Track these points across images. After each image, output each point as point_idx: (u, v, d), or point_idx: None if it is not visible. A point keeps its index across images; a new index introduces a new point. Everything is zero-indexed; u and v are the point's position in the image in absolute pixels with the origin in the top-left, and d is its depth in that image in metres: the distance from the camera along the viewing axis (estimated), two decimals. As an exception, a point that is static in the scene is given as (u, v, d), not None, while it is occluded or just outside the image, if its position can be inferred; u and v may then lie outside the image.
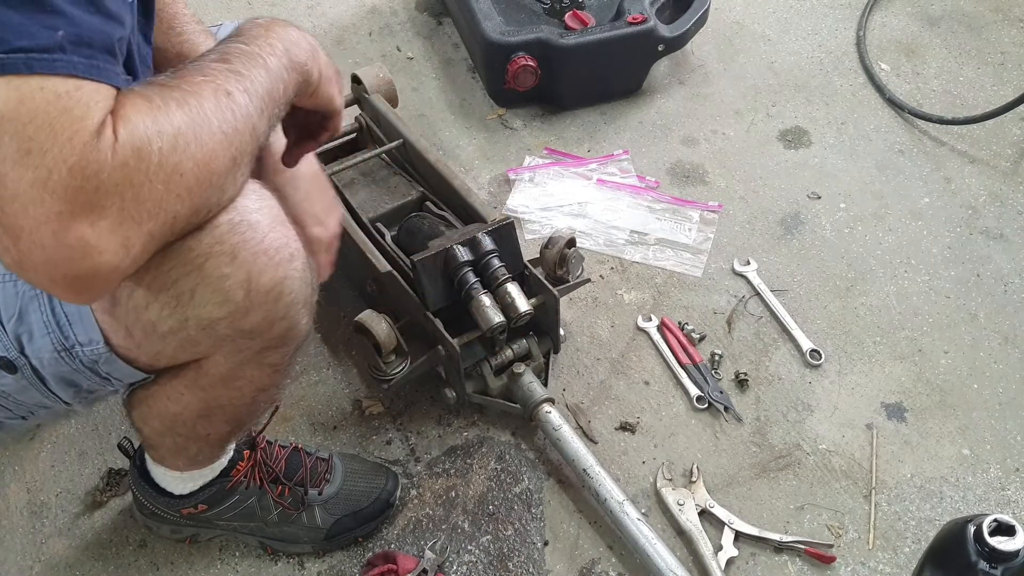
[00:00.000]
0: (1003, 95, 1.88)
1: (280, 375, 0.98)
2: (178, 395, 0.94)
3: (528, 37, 1.79)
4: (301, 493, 1.22)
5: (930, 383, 1.46)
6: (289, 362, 0.98)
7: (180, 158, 0.69)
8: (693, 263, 1.64)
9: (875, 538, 1.28)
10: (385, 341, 1.26)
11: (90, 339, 0.83)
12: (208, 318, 0.82)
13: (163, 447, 1.08)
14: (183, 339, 0.84)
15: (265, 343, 0.89)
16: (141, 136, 0.67)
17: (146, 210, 0.68)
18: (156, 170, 0.68)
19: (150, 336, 0.83)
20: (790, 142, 1.88)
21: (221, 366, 0.90)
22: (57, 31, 0.64)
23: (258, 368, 0.94)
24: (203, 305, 0.81)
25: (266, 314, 0.85)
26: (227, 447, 1.14)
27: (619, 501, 1.22)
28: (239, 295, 0.81)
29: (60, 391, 0.89)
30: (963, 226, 1.71)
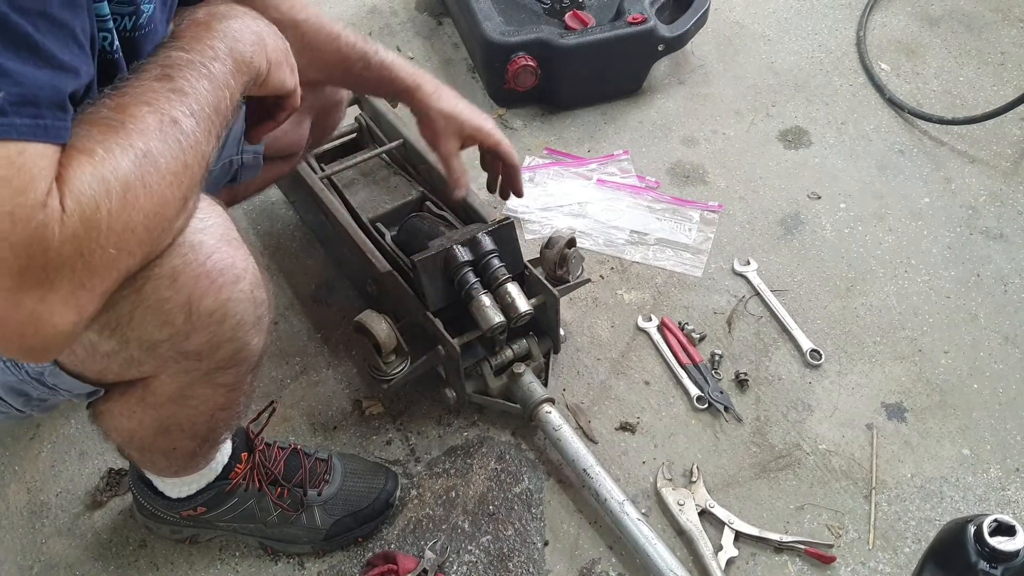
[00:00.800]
0: (1003, 95, 1.88)
1: (237, 393, 0.97)
2: (131, 412, 0.93)
3: (528, 37, 1.79)
4: (300, 494, 1.21)
5: (930, 383, 1.46)
6: (245, 381, 0.96)
7: (130, 215, 0.67)
8: (693, 263, 1.64)
9: (875, 538, 1.28)
10: (385, 341, 1.26)
11: None
12: (148, 340, 0.80)
13: (133, 458, 1.09)
14: (125, 359, 0.82)
15: (213, 364, 0.87)
16: (89, 202, 0.64)
17: (98, 275, 0.67)
18: (107, 235, 0.66)
19: (92, 355, 0.81)
20: (790, 142, 1.88)
21: (169, 386, 0.89)
22: None
23: (210, 388, 0.92)
24: (143, 327, 0.79)
25: (210, 336, 0.83)
26: (201, 459, 1.11)
27: (619, 501, 1.22)
28: (179, 318, 0.79)
29: (11, 400, 0.88)
30: (963, 226, 1.71)
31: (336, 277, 1.61)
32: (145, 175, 0.68)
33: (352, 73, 1.24)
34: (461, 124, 1.28)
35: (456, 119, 1.27)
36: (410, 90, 1.26)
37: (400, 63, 1.26)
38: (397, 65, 1.26)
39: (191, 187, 0.74)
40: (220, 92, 0.77)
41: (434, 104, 1.26)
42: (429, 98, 1.26)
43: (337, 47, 1.21)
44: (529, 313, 1.28)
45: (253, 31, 0.83)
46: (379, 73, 1.24)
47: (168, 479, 1.14)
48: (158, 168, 0.69)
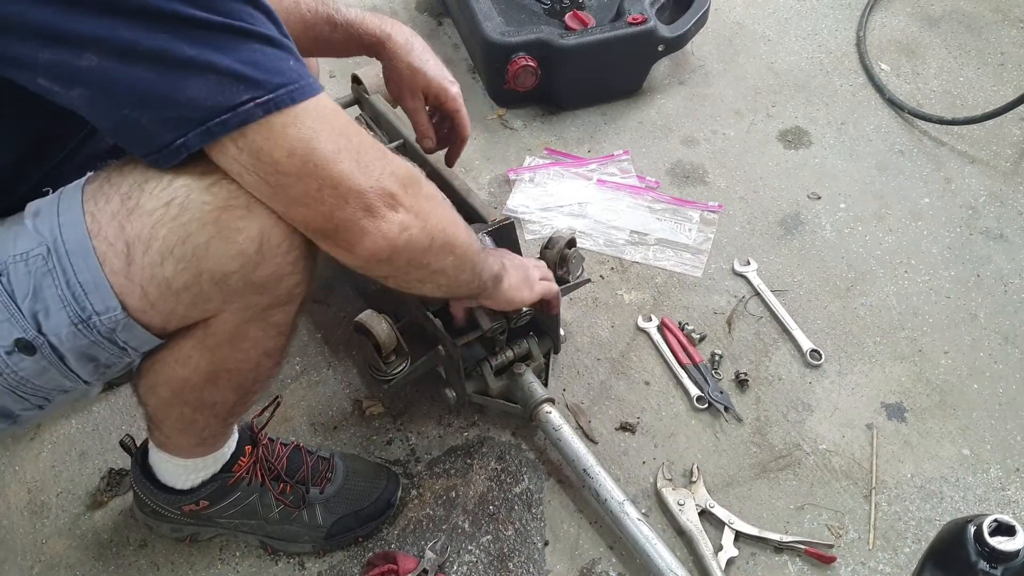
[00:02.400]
0: (1003, 95, 1.88)
1: (283, 337, 1.00)
2: (186, 357, 0.95)
3: (528, 37, 1.79)
4: (303, 491, 1.22)
5: (930, 383, 1.46)
6: (292, 324, 0.99)
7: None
8: (693, 263, 1.64)
9: (875, 538, 1.28)
10: (385, 341, 1.26)
11: (107, 307, 0.84)
12: (221, 271, 0.84)
13: (169, 420, 1.07)
14: (196, 294, 0.85)
15: (272, 299, 0.91)
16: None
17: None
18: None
19: (164, 294, 0.84)
20: (790, 142, 1.88)
21: (228, 324, 0.92)
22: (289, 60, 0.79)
23: (263, 328, 0.95)
24: (217, 258, 0.83)
25: (276, 268, 0.87)
26: (232, 424, 1.13)
27: (619, 501, 1.22)
28: (252, 248, 0.84)
29: (79, 368, 0.89)
30: (963, 226, 1.71)
31: (336, 277, 1.61)
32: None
33: (319, 39, 1.24)
34: (428, 81, 1.28)
35: (423, 75, 1.27)
36: (381, 41, 1.26)
37: (367, 16, 1.26)
38: (364, 19, 1.25)
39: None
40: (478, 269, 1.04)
41: (403, 56, 1.26)
42: (399, 49, 1.26)
43: (300, 15, 1.21)
44: (529, 314, 1.28)
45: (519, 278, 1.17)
46: (346, 31, 1.24)
47: (178, 461, 1.13)
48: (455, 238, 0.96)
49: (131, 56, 0.72)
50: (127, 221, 0.81)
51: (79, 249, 0.82)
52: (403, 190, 0.87)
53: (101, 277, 0.82)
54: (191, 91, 0.74)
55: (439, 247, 0.94)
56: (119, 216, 0.81)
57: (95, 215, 0.82)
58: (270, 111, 0.76)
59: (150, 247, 0.81)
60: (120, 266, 0.82)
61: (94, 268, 0.82)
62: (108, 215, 0.82)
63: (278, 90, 0.76)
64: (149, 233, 0.81)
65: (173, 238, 0.81)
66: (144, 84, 0.73)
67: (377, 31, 1.26)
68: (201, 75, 0.74)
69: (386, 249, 0.87)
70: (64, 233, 0.82)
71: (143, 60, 0.72)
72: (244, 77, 0.75)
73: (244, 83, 0.75)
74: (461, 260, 0.99)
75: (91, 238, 0.82)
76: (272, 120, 0.77)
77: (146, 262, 0.82)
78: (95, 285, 0.83)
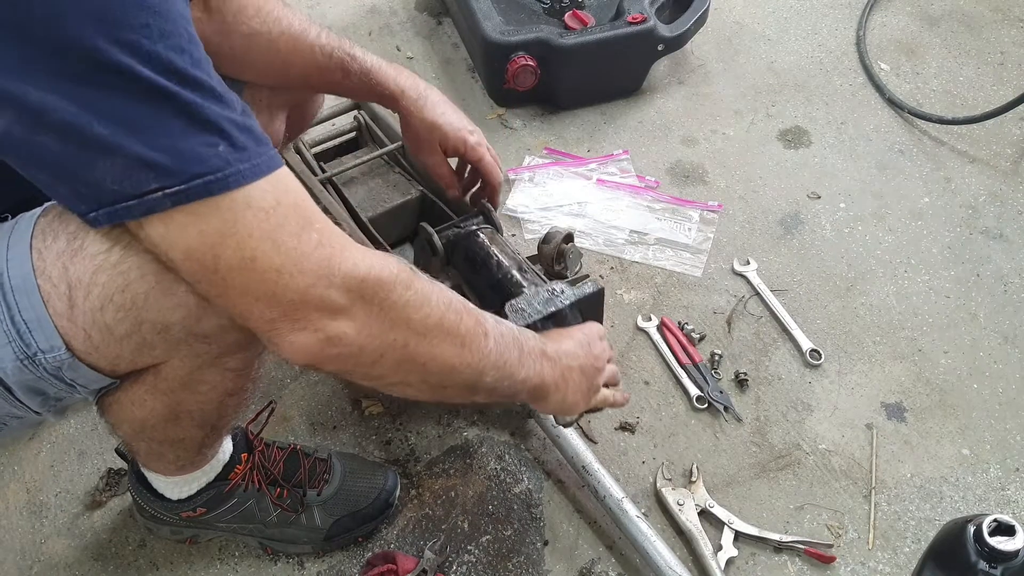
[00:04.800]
0: (1003, 95, 1.88)
1: (244, 379, 0.97)
2: (142, 400, 0.93)
3: (528, 37, 1.79)
4: (300, 494, 1.21)
5: (930, 383, 1.46)
6: (253, 367, 0.97)
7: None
8: (693, 263, 1.64)
9: (875, 538, 1.28)
10: None
11: (51, 346, 0.81)
12: (162, 322, 0.81)
13: (140, 452, 1.08)
14: (139, 342, 0.83)
15: (223, 348, 0.88)
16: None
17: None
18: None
19: (107, 340, 0.82)
20: (790, 142, 1.88)
21: (180, 370, 0.89)
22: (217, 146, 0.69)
23: (219, 373, 0.93)
24: (157, 309, 0.80)
25: (220, 320, 0.83)
26: (207, 451, 1.12)
27: (618, 499, 1.22)
28: (192, 300, 0.80)
29: (27, 400, 0.87)
30: (963, 226, 1.71)
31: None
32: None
33: (332, 83, 1.23)
34: (445, 134, 1.27)
35: (440, 130, 1.26)
36: (394, 96, 1.25)
37: (383, 68, 1.24)
38: (379, 70, 1.23)
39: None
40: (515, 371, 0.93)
41: (416, 113, 1.25)
42: (412, 104, 1.25)
43: (314, 59, 1.20)
44: None
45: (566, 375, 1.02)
46: (360, 80, 1.23)
47: (170, 478, 1.13)
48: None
49: (40, 125, 0.66)
50: (71, 263, 0.78)
51: (23, 286, 0.79)
52: (351, 299, 0.77)
53: (45, 316, 0.80)
54: (97, 172, 0.68)
55: (394, 363, 0.83)
56: (64, 257, 0.78)
57: (42, 252, 0.79)
58: (179, 202, 0.69)
59: (91, 292, 0.78)
60: (63, 308, 0.79)
61: (38, 306, 0.79)
62: (54, 254, 0.78)
63: (192, 180, 0.68)
64: (90, 278, 0.77)
65: (112, 285, 0.78)
66: (53, 157, 0.68)
67: (392, 85, 1.24)
68: (109, 157, 0.67)
69: (303, 358, 0.78)
70: (10, 268, 0.79)
71: (51, 131, 0.66)
72: (154, 164, 0.68)
73: (153, 171, 0.68)
74: (444, 378, 0.88)
75: (36, 276, 0.78)
76: (175, 215, 0.69)
77: (87, 307, 0.79)
78: (39, 323, 0.80)
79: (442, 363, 0.86)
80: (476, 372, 0.89)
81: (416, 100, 1.25)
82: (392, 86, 1.24)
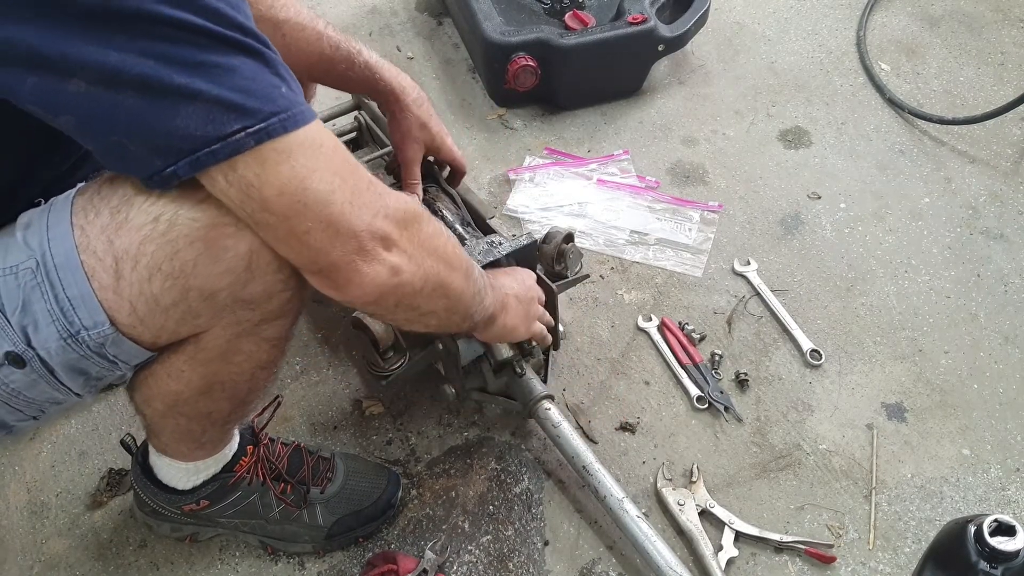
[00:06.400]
0: (1003, 95, 1.88)
1: (277, 351, 0.99)
2: (178, 372, 0.95)
3: (528, 37, 1.79)
4: (303, 491, 1.22)
5: (930, 383, 1.46)
6: (286, 337, 0.98)
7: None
8: (693, 263, 1.64)
9: (875, 538, 1.28)
10: (383, 336, 1.26)
11: (95, 322, 0.83)
12: (209, 289, 0.83)
13: (166, 430, 1.08)
14: (184, 311, 0.85)
15: (264, 315, 0.90)
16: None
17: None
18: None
19: (153, 310, 0.83)
20: (790, 142, 1.88)
21: (220, 339, 0.91)
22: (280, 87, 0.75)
23: (256, 343, 0.94)
24: (205, 276, 0.82)
25: (266, 285, 0.86)
26: (231, 429, 1.13)
27: (619, 498, 1.22)
28: (240, 266, 0.83)
29: (69, 381, 0.89)
30: (963, 226, 1.71)
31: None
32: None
33: (334, 74, 1.27)
34: (432, 135, 1.34)
35: (429, 130, 1.33)
36: (394, 92, 1.30)
37: (385, 65, 1.30)
38: (382, 67, 1.29)
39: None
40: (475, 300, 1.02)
41: (414, 110, 1.31)
42: (412, 103, 1.31)
43: (320, 48, 1.23)
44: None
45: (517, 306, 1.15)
46: (362, 73, 1.27)
47: (178, 464, 1.13)
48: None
49: (118, 83, 0.70)
50: (115, 236, 0.80)
51: (67, 263, 0.81)
52: (399, 231, 0.85)
53: (89, 292, 0.81)
54: (180, 120, 0.71)
55: (431, 291, 0.91)
56: (108, 230, 0.80)
57: (84, 228, 0.81)
58: (262, 140, 0.73)
59: (138, 263, 0.80)
60: (109, 281, 0.81)
61: (82, 283, 0.81)
62: (97, 229, 0.80)
63: (270, 119, 0.74)
64: (137, 249, 0.80)
65: (161, 255, 0.80)
66: (132, 112, 0.71)
67: (394, 83, 1.29)
68: (190, 103, 0.71)
69: (374, 292, 0.85)
70: (52, 247, 0.81)
71: (130, 87, 0.70)
72: (235, 106, 0.72)
73: (235, 112, 0.72)
74: (454, 304, 0.98)
75: (79, 252, 0.80)
76: (263, 152, 0.74)
77: (134, 278, 0.81)
78: (83, 300, 0.82)
79: (457, 289, 0.96)
80: (471, 298, 1.01)
81: (415, 99, 1.31)
82: (394, 83, 1.29)
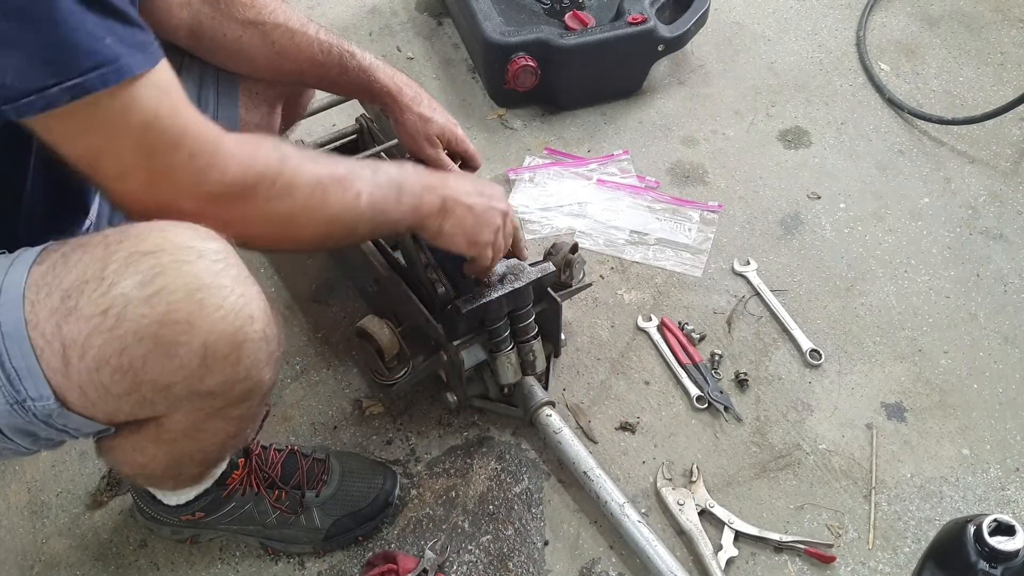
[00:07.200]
0: (1003, 95, 1.88)
1: (247, 423, 0.97)
2: (142, 448, 0.93)
3: (528, 37, 1.79)
4: (299, 496, 1.22)
5: (930, 383, 1.46)
6: (258, 413, 0.97)
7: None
8: (693, 263, 1.64)
9: (875, 538, 1.28)
10: (388, 346, 1.26)
11: (40, 394, 0.80)
12: (162, 383, 0.81)
13: (138, 481, 1.11)
14: (138, 400, 0.82)
15: (227, 401, 0.87)
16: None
17: None
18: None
19: (104, 397, 0.81)
20: (790, 142, 1.88)
21: (182, 423, 0.89)
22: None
23: (223, 422, 0.92)
24: (157, 371, 0.79)
25: (225, 378, 0.83)
26: (205, 479, 1.13)
27: (620, 503, 1.22)
28: (195, 362, 0.80)
29: (19, 440, 0.87)
30: (963, 226, 1.71)
31: (336, 277, 1.61)
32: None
33: (328, 78, 1.25)
34: (440, 128, 1.30)
35: (434, 124, 1.30)
36: (391, 94, 1.27)
37: (379, 67, 1.27)
38: (376, 68, 1.26)
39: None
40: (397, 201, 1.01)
41: (414, 108, 1.28)
42: (411, 102, 1.28)
43: (311, 54, 1.21)
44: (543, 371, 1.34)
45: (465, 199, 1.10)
46: (357, 77, 1.25)
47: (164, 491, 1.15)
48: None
49: None
50: (64, 322, 0.77)
51: (15, 334, 0.78)
52: (218, 208, 0.84)
53: (35, 366, 0.79)
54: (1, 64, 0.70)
55: (273, 239, 0.94)
56: (57, 315, 0.77)
57: (35, 305, 0.78)
58: (77, 96, 0.72)
59: (85, 354, 0.78)
60: (57, 365, 0.79)
61: (28, 356, 0.78)
62: (47, 310, 0.78)
63: (88, 74, 0.71)
64: (84, 340, 0.77)
65: (108, 349, 0.77)
66: None
67: (389, 84, 1.27)
68: (12, 51, 0.70)
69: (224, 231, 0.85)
70: (2, 315, 0.78)
71: None
72: (49, 59, 0.70)
73: (50, 65, 0.71)
74: (334, 228, 0.97)
75: (28, 328, 0.78)
76: (74, 111, 0.73)
77: (82, 367, 0.78)
78: (29, 372, 0.79)
79: (314, 233, 0.96)
80: (349, 226, 0.99)
81: (413, 97, 1.29)
82: (389, 83, 1.27)
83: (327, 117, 1.71)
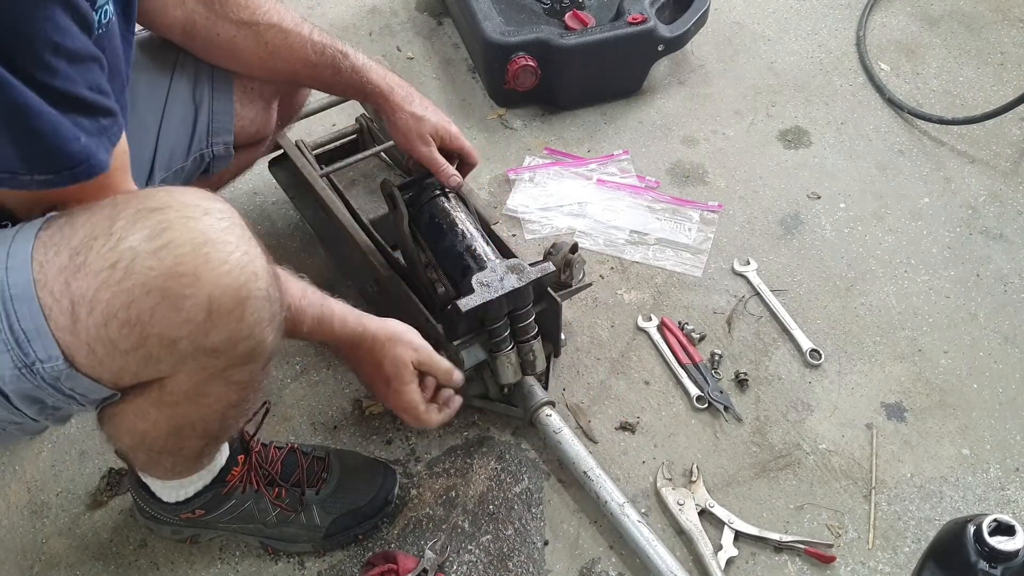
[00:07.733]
0: (1003, 95, 1.88)
1: (249, 391, 0.97)
2: (145, 413, 0.94)
3: (528, 37, 1.79)
4: (298, 494, 1.22)
5: (930, 383, 1.46)
6: (257, 379, 0.97)
7: None
8: (693, 263, 1.64)
9: (875, 538, 1.28)
10: None
11: (49, 355, 0.81)
12: (168, 337, 0.81)
13: (137, 460, 1.09)
14: (144, 356, 0.83)
15: (230, 361, 0.88)
16: None
17: None
18: None
19: (112, 353, 0.82)
20: (790, 142, 1.88)
21: (185, 384, 0.89)
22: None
23: (224, 386, 0.93)
24: (163, 324, 0.80)
25: (229, 334, 0.84)
26: (205, 460, 1.12)
27: (620, 504, 1.22)
28: (200, 315, 0.81)
29: (25, 408, 0.87)
30: (963, 226, 1.71)
31: (336, 277, 1.61)
32: None
33: (321, 79, 1.27)
34: (434, 126, 1.32)
35: (427, 122, 1.31)
36: (383, 94, 1.29)
37: (371, 67, 1.28)
38: (369, 68, 1.28)
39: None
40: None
41: (406, 107, 1.30)
42: (403, 101, 1.30)
43: (304, 55, 1.23)
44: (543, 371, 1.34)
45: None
46: (350, 77, 1.27)
47: (167, 482, 1.14)
48: None
49: None
50: (73, 279, 0.79)
51: (24, 295, 0.79)
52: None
53: (44, 327, 0.80)
54: None
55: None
56: (66, 272, 0.79)
57: (43, 265, 0.80)
58: (46, 187, 0.79)
59: (94, 309, 0.79)
60: (66, 323, 0.80)
61: (37, 317, 0.80)
62: (56, 268, 0.79)
63: (62, 172, 0.79)
64: (93, 295, 0.78)
65: (117, 303, 0.79)
66: None
67: (382, 84, 1.29)
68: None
69: None
70: (10, 277, 0.80)
71: None
72: (26, 157, 0.76)
73: (26, 162, 0.77)
74: None
75: (36, 288, 0.79)
76: (38, 192, 0.80)
77: (91, 323, 0.80)
78: (38, 333, 0.80)
79: None
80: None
81: (405, 97, 1.30)
82: (382, 83, 1.29)
83: (327, 117, 1.71)
